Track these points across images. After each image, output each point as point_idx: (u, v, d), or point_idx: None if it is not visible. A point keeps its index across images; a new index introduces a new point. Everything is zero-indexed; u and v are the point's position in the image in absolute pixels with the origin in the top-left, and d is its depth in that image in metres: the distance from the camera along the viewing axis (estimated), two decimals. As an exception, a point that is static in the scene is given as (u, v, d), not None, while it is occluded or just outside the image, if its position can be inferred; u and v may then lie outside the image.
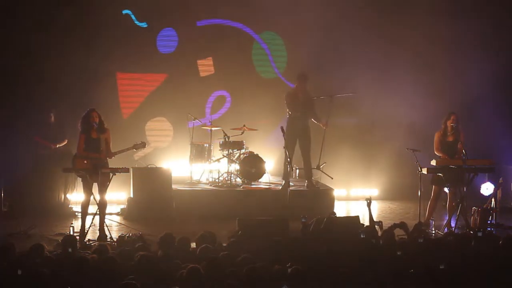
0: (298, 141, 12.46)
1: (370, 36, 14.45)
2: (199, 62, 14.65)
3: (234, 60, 14.62)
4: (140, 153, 13.96)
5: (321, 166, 13.28)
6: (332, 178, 13.31)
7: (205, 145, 13.34)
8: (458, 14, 14.57)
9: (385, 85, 14.53)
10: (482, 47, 14.57)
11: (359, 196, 14.81)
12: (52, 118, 12.63)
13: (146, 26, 14.26)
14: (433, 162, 11.01)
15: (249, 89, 14.58)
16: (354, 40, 14.46)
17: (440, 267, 6.64)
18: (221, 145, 13.07)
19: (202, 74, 14.66)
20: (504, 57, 14.67)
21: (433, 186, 11.18)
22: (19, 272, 6.31)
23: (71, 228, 10.50)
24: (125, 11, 14.16)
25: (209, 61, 14.69)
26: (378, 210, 13.86)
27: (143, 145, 10.79)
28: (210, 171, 13.35)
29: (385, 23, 14.56)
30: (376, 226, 9.99)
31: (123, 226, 11.36)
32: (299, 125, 12.36)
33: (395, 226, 9.43)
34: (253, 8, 14.41)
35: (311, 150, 12.66)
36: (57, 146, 12.46)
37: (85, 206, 10.37)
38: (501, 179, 11.86)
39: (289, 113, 12.45)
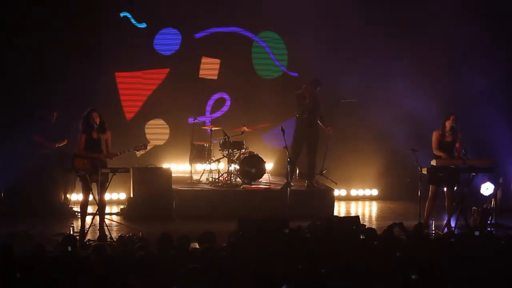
0: (306, 142, 12.43)
1: (370, 35, 14.42)
2: (204, 59, 14.59)
3: (234, 61, 14.60)
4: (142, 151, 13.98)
5: (323, 172, 13.23)
6: (336, 184, 13.31)
7: (205, 145, 13.35)
8: (458, 13, 14.56)
9: (386, 84, 14.52)
10: (483, 47, 14.56)
11: (359, 196, 14.84)
12: (54, 118, 12.64)
13: (145, 26, 14.20)
14: (433, 162, 11.01)
15: (249, 90, 14.57)
16: (354, 39, 14.45)
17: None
18: (221, 145, 13.07)
19: (201, 74, 14.61)
20: (505, 56, 14.65)
21: (430, 186, 11.18)
22: (18, 275, 6.31)
23: (71, 228, 10.54)
24: (123, 13, 14.10)
25: (215, 63, 14.60)
26: (378, 210, 13.89)
27: (144, 146, 10.83)
28: (210, 171, 13.36)
29: (385, 21, 14.54)
30: None
31: (123, 226, 11.37)
32: (307, 127, 12.32)
33: (393, 225, 9.42)
34: (249, 10, 14.38)
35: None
36: (57, 146, 12.47)
37: (84, 206, 10.37)
38: (501, 179, 11.86)
39: (296, 115, 12.43)
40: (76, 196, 12.49)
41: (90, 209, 10.62)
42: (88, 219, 10.66)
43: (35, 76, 13.34)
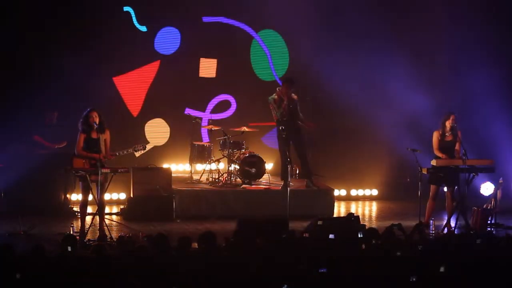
0: (292, 143, 12.42)
1: (370, 34, 14.41)
2: (202, 60, 14.58)
3: (234, 60, 14.58)
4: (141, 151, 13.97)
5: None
6: (324, 176, 13.27)
7: (205, 145, 13.37)
8: (459, 13, 14.55)
9: (386, 84, 14.51)
10: (484, 46, 14.54)
11: (359, 196, 14.83)
12: (55, 118, 12.65)
13: (145, 30, 14.18)
14: (433, 162, 11.02)
15: (249, 89, 14.55)
16: (353, 39, 14.43)
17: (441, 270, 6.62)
18: (221, 145, 13.08)
19: (201, 74, 14.59)
20: (505, 56, 14.65)
21: (431, 185, 11.20)
22: (18, 275, 6.32)
23: (71, 228, 10.54)
24: (126, 8, 14.08)
25: (212, 63, 14.59)
26: (378, 210, 13.89)
27: (143, 147, 10.80)
28: (210, 171, 13.37)
29: (386, 21, 14.50)
30: None
31: (123, 226, 11.38)
32: (290, 128, 12.28)
33: (392, 226, 9.44)
34: (253, 5, 14.34)
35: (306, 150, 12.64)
36: (56, 147, 12.49)
37: (83, 206, 10.37)
38: (501, 179, 11.85)
39: (277, 120, 12.37)
40: (76, 196, 12.50)
41: (89, 209, 10.63)
42: (88, 219, 10.67)
43: (36, 76, 13.33)
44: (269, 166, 13.73)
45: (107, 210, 11.12)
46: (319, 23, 14.34)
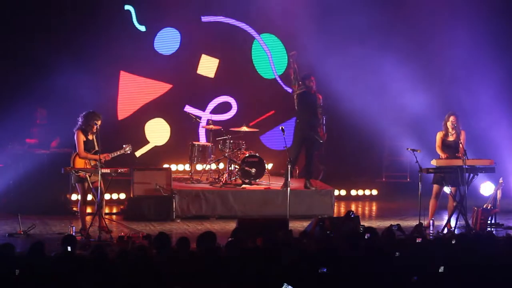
0: (305, 142, 12.41)
1: (371, 35, 14.41)
2: (204, 56, 14.55)
3: (235, 60, 14.58)
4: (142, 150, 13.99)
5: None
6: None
7: (205, 145, 13.38)
8: (460, 13, 14.55)
9: (387, 85, 14.51)
10: (485, 46, 14.54)
11: (359, 196, 14.83)
12: (44, 116, 12.68)
13: (144, 30, 14.17)
14: (434, 162, 11.04)
15: (250, 89, 14.55)
16: (354, 40, 14.44)
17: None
18: (221, 145, 13.09)
19: (199, 71, 14.55)
20: (507, 56, 14.65)
21: (433, 185, 11.21)
22: (17, 272, 6.32)
23: (71, 228, 10.55)
24: (127, 7, 14.07)
25: (213, 63, 14.57)
26: (378, 210, 13.89)
27: (129, 147, 10.72)
28: (210, 171, 13.37)
29: (386, 20, 14.50)
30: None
31: (123, 226, 11.39)
32: (306, 123, 12.29)
33: (391, 227, 9.45)
34: (256, 8, 14.33)
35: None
36: (53, 145, 12.52)
37: (83, 207, 10.40)
38: (501, 179, 11.86)
39: (296, 115, 12.38)
40: (76, 196, 12.50)
41: (89, 209, 10.64)
42: (88, 219, 10.69)
43: (27, 75, 13.31)
44: (269, 166, 13.74)
45: (107, 210, 11.11)
46: (319, 25, 14.32)
